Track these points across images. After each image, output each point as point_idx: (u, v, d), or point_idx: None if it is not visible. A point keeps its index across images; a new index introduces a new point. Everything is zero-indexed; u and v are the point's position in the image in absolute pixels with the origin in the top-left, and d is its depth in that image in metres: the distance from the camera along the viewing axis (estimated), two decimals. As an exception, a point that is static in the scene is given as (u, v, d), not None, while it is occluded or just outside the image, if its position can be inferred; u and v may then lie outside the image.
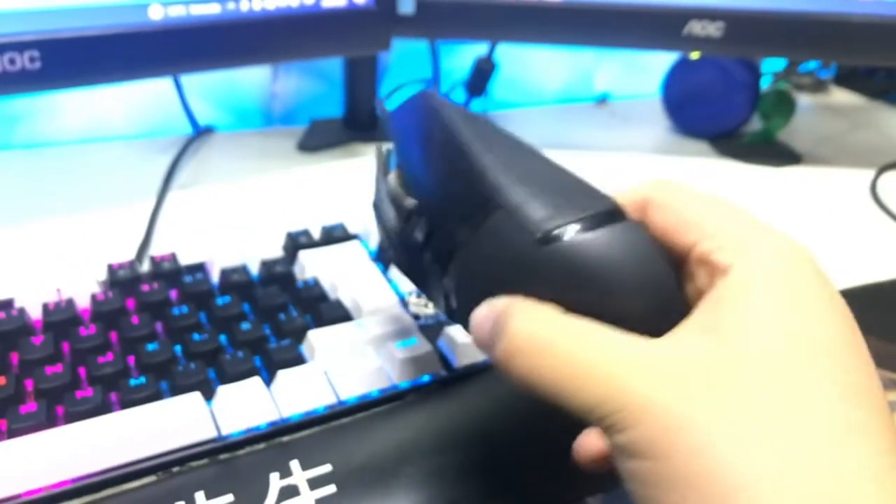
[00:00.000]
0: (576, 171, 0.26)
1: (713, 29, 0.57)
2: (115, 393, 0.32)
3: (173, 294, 0.37)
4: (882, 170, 0.64)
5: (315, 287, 0.39)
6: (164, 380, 0.33)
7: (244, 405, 0.31)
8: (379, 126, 0.67)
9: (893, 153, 0.67)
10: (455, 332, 0.36)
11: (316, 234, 0.43)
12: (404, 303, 0.39)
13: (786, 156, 0.68)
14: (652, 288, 0.22)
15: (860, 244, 0.54)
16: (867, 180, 0.63)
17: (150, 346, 0.33)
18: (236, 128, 0.70)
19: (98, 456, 0.29)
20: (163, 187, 0.54)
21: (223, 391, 0.32)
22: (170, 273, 0.39)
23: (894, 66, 0.79)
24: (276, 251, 0.41)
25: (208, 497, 0.28)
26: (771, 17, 0.57)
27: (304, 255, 0.41)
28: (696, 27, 0.57)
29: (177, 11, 0.47)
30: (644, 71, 0.84)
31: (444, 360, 0.36)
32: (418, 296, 0.39)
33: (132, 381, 0.32)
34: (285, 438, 0.32)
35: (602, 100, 0.81)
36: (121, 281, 0.38)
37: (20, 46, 0.42)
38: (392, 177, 0.29)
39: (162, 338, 0.35)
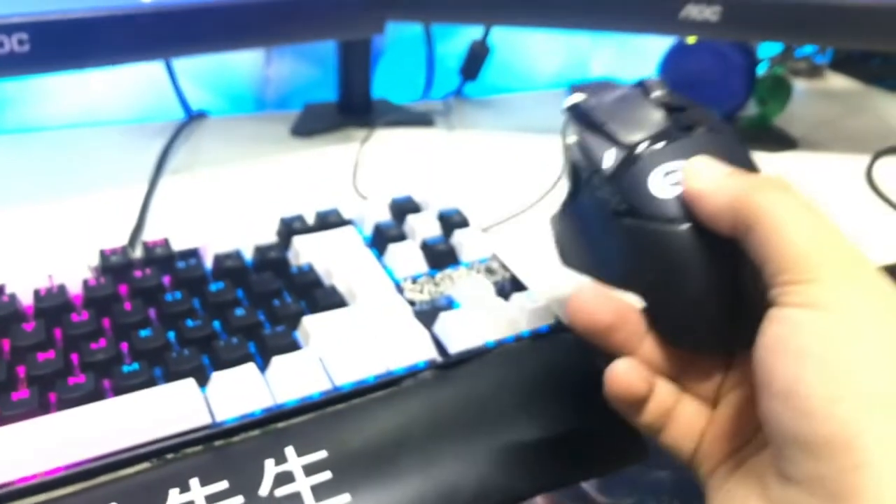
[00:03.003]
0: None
1: (710, 13, 0.57)
2: (108, 379, 0.31)
3: (166, 280, 0.37)
4: (877, 155, 0.64)
5: (309, 273, 0.38)
6: (158, 366, 0.32)
7: (239, 391, 0.31)
8: (373, 110, 0.67)
9: (889, 138, 0.67)
10: (450, 317, 0.36)
11: (310, 220, 0.43)
12: (399, 288, 0.39)
13: (781, 141, 0.67)
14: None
15: (856, 230, 0.53)
16: (863, 165, 0.63)
17: (144, 333, 0.33)
18: (229, 112, 0.69)
19: (91, 443, 0.29)
20: (155, 172, 0.54)
21: (217, 377, 0.32)
22: (163, 259, 0.38)
23: (890, 51, 0.79)
24: (269, 237, 0.41)
25: (203, 484, 0.28)
26: (768, 2, 0.57)
27: (298, 241, 0.40)
28: (693, 11, 0.57)
29: (168, -6, 0.46)
30: (639, 55, 0.84)
31: (440, 346, 0.36)
32: (413, 281, 0.39)
33: (125, 368, 0.31)
34: (280, 425, 0.31)
35: (598, 84, 0.81)
36: (113, 267, 0.37)
37: (9, 29, 0.41)
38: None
39: (155, 324, 0.35)
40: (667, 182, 0.27)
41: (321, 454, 0.30)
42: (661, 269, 0.27)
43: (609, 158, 0.29)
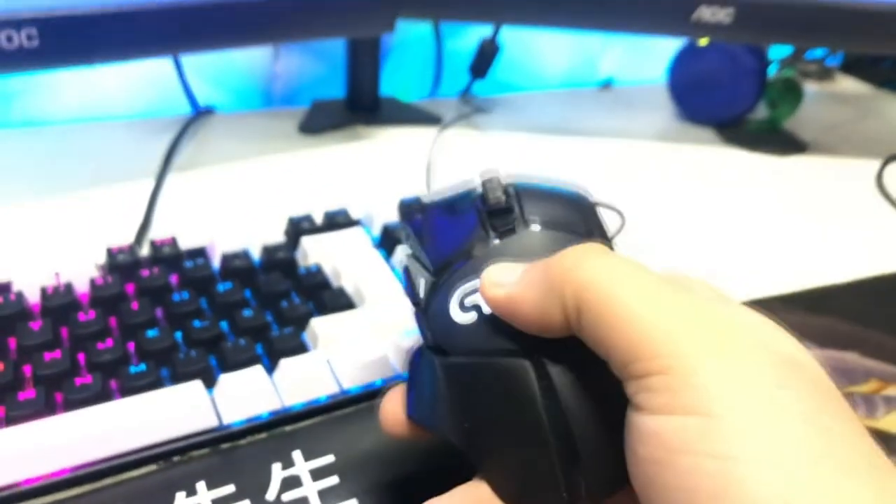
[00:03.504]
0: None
1: (723, 15, 0.56)
2: (115, 380, 0.31)
3: (174, 279, 0.37)
4: (888, 160, 0.64)
5: (318, 274, 0.38)
6: (165, 367, 0.32)
7: (246, 394, 0.31)
8: (381, 108, 0.66)
9: (899, 143, 0.67)
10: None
11: (318, 220, 0.42)
12: (408, 291, 0.38)
13: (791, 144, 0.67)
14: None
15: (865, 235, 0.53)
16: (873, 170, 0.62)
17: (151, 333, 0.33)
18: (236, 108, 0.69)
19: (98, 444, 0.29)
20: (162, 168, 0.53)
21: (225, 379, 0.31)
22: (170, 258, 0.38)
23: (902, 54, 0.78)
24: (277, 236, 0.41)
25: (210, 487, 0.28)
26: (781, 4, 0.57)
27: (306, 241, 0.40)
28: (706, 13, 0.57)
29: (178, -11, 0.46)
30: (649, 55, 0.83)
31: (448, 350, 0.35)
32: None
33: (132, 369, 0.31)
34: (287, 428, 0.31)
35: (606, 84, 0.80)
36: (120, 265, 0.37)
37: (18, 24, 0.41)
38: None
39: (162, 324, 0.34)
40: (465, 307, 0.23)
41: (328, 458, 0.30)
42: (469, 413, 0.22)
43: (423, 288, 0.24)
